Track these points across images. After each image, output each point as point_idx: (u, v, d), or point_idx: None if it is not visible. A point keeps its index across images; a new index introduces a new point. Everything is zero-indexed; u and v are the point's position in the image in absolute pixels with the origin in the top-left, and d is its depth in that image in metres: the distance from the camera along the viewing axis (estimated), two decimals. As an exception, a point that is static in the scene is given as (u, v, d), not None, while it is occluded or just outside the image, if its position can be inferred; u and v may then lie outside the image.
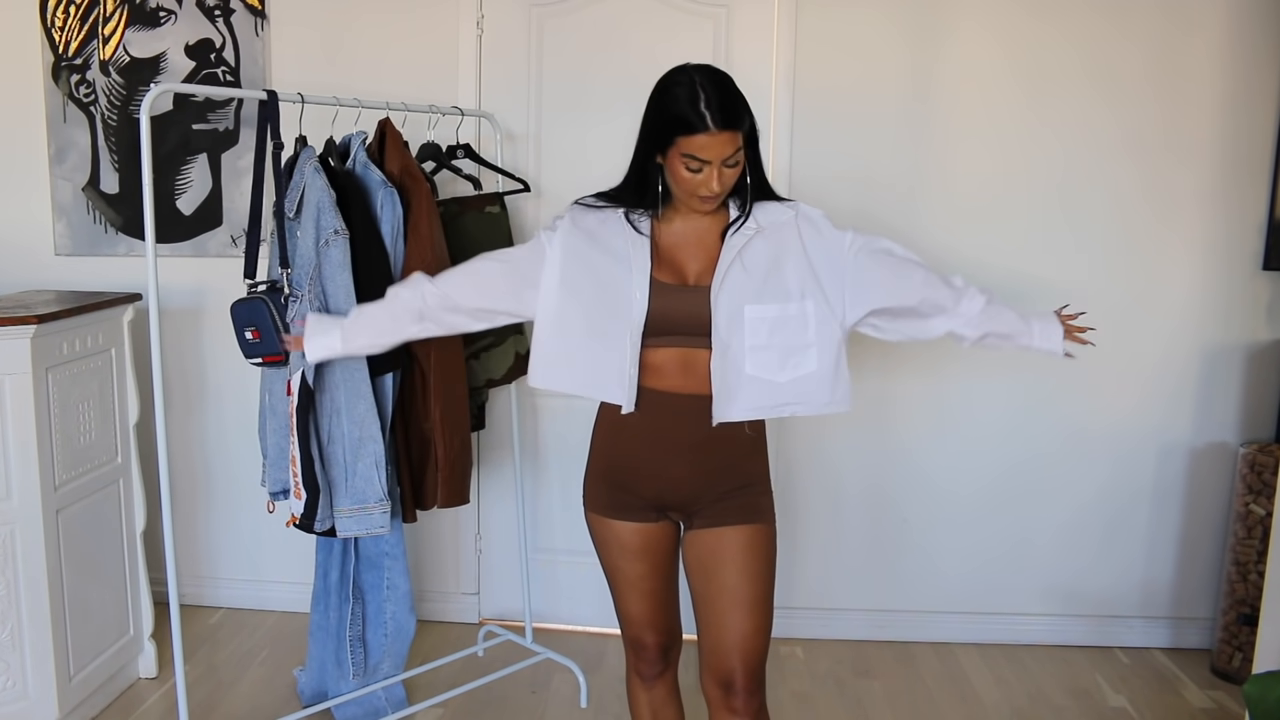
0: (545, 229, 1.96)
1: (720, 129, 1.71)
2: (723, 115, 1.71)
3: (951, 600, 3.34)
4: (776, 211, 1.90)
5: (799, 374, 1.87)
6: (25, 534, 2.50)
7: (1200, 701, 2.99)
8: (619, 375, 1.87)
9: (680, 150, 1.75)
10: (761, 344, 1.84)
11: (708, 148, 1.73)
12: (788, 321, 1.85)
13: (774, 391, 1.86)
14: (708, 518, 1.91)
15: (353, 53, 3.21)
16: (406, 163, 2.57)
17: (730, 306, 1.83)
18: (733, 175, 1.79)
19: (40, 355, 2.49)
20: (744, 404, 1.86)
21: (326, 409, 2.39)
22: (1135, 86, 3.08)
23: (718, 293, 1.83)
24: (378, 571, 2.74)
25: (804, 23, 3.09)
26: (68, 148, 3.32)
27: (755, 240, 1.87)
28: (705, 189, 1.77)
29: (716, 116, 1.71)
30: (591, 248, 1.90)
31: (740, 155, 1.78)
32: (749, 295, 1.83)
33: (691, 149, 1.73)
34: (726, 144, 1.73)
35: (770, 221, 1.89)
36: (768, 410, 1.87)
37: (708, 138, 1.72)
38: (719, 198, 1.82)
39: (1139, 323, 3.18)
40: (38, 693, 2.56)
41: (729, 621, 1.89)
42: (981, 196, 3.14)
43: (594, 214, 1.93)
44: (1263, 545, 2.99)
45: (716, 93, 1.72)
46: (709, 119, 1.71)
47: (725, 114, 1.71)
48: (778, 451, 3.24)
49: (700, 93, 1.72)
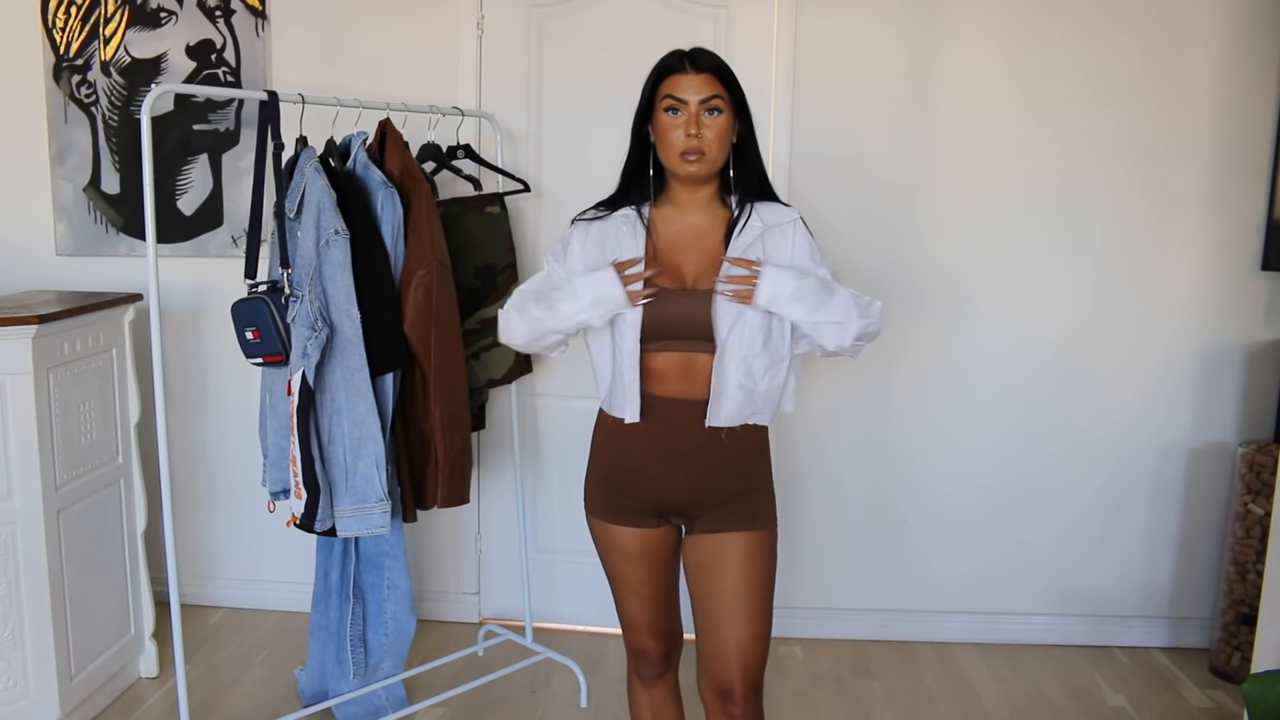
0: (552, 256, 1.97)
1: (697, 71, 1.82)
2: (702, 61, 1.83)
3: (951, 600, 3.34)
4: (779, 212, 1.91)
5: (772, 385, 1.89)
6: (26, 534, 2.51)
7: (1199, 701, 2.99)
8: (622, 385, 1.87)
9: (662, 96, 1.84)
10: (756, 351, 1.85)
11: (685, 86, 1.82)
12: (778, 328, 1.86)
13: (750, 400, 1.88)
14: (709, 523, 1.91)
15: (353, 53, 3.21)
16: (407, 163, 2.57)
17: (735, 310, 1.83)
18: (715, 129, 1.82)
19: (41, 355, 2.49)
20: (729, 411, 1.87)
21: (327, 409, 2.39)
22: (1134, 87, 3.08)
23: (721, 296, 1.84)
24: (378, 571, 2.74)
25: (804, 23, 3.09)
26: (69, 148, 3.32)
27: (761, 239, 1.88)
28: (687, 134, 1.81)
29: (696, 61, 1.83)
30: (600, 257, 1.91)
31: (721, 107, 1.83)
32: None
33: (671, 88, 1.83)
34: (704, 85, 1.82)
35: (774, 220, 1.90)
36: (743, 418, 1.89)
37: (685, 77, 1.82)
38: (704, 155, 1.82)
39: (1139, 323, 3.19)
40: (39, 692, 2.56)
41: (728, 629, 1.89)
42: (981, 197, 3.15)
43: (596, 225, 1.95)
44: (1261, 545, 3.00)
45: (702, 51, 1.86)
46: (686, 62, 1.83)
47: (705, 60, 1.84)
48: (777, 452, 3.23)
49: (687, 50, 1.86)
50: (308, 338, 2.30)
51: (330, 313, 2.35)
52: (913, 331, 3.19)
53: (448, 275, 2.56)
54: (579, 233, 1.95)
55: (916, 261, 3.17)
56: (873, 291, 3.06)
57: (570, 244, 1.95)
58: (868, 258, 3.13)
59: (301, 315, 2.31)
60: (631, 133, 1.93)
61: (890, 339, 3.16)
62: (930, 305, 3.19)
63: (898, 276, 3.17)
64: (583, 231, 1.94)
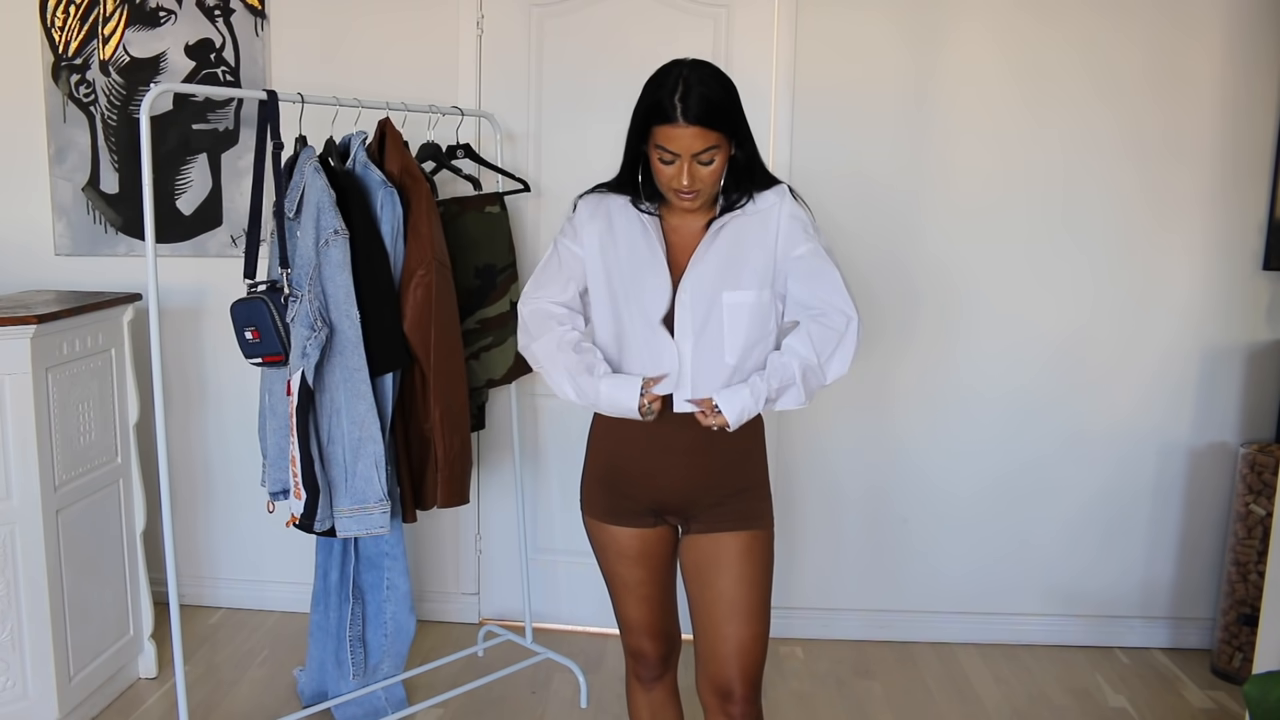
0: (561, 234, 1.96)
1: (689, 123, 1.72)
2: (694, 110, 1.71)
3: (951, 600, 3.33)
4: (765, 196, 1.88)
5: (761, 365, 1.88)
6: (25, 534, 2.50)
7: (1200, 702, 2.98)
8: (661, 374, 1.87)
9: (655, 140, 1.77)
10: (742, 330, 1.84)
11: (676, 139, 1.73)
12: (761, 308, 1.86)
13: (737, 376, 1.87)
14: (705, 522, 1.91)
15: (353, 53, 3.21)
16: (406, 163, 2.57)
17: (709, 291, 1.83)
18: (709, 175, 1.78)
19: (40, 355, 2.49)
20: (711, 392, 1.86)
21: (326, 409, 2.39)
22: (1136, 87, 3.07)
23: (695, 276, 1.83)
24: (378, 571, 2.74)
25: (804, 23, 3.08)
26: (68, 148, 3.31)
27: (736, 221, 1.86)
28: (677, 183, 1.77)
29: (688, 111, 1.71)
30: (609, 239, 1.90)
31: (715, 155, 1.77)
32: (727, 280, 1.84)
33: (661, 139, 1.75)
34: (696, 139, 1.73)
35: (756, 207, 1.88)
36: None
37: (676, 129, 1.72)
38: (696, 196, 1.80)
39: (1140, 322, 3.18)
40: (38, 693, 2.56)
41: (726, 630, 1.89)
42: (982, 197, 3.14)
43: (605, 201, 1.93)
44: (1263, 545, 2.99)
45: (697, 88, 1.73)
46: (679, 110, 1.71)
47: (697, 109, 1.71)
48: (776, 452, 3.24)
49: (680, 85, 1.73)
50: (307, 338, 2.30)
51: (330, 312, 2.34)
52: (913, 331, 3.19)
53: (447, 275, 2.56)
54: (587, 208, 1.93)
55: (917, 261, 3.17)
56: (873, 291, 3.10)
57: (578, 221, 1.93)
58: (868, 257, 3.13)
59: (301, 315, 2.31)
60: (626, 146, 1.87)
61: (890, 339, 3.16)
62: (931, 305, 3.19)
63: (898, 276, 3.16)
64: (591, 206, 1.93)
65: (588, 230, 1.92)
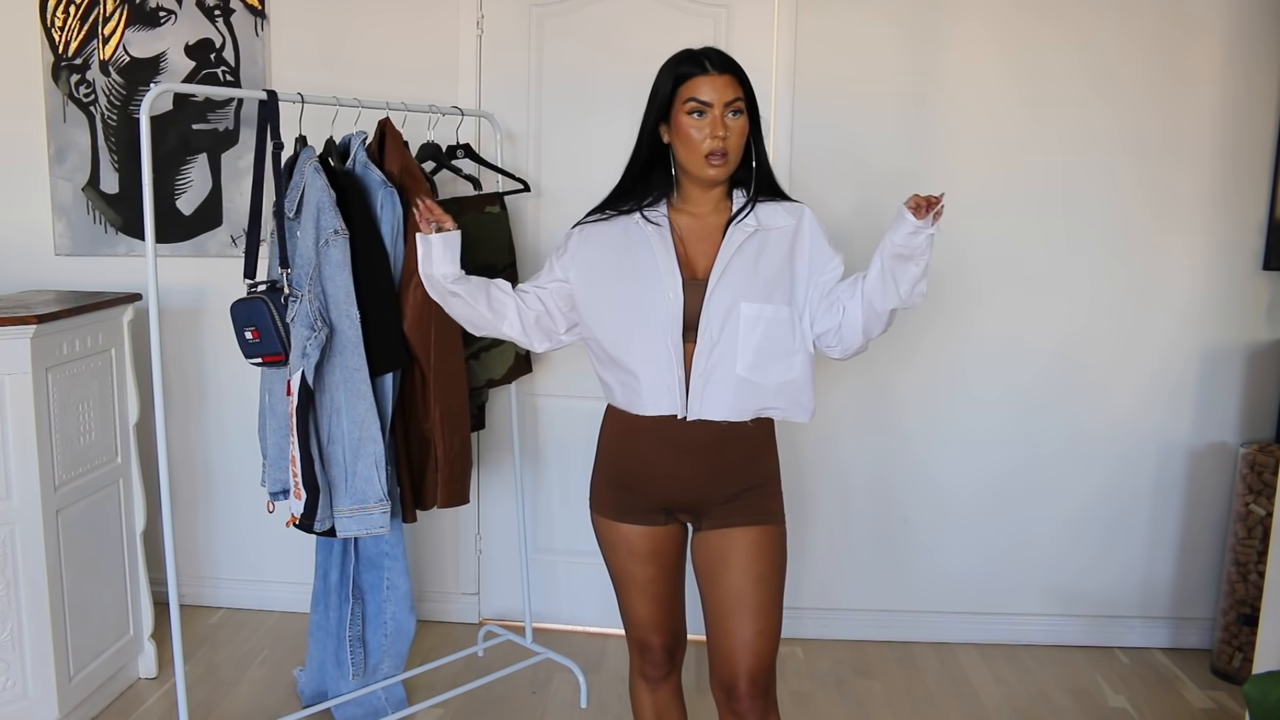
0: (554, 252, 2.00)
1: (719, 71, 1.82)
2: (720, 60, 1.84)
3: (952, 600, 3.34)
4: (779, 215, 1.92)
5: (785, 379, 1.88)
6: (25, 534, 2.50)
7: (1200, 702, 2.98)
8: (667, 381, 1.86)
9: (683, 99, 1.82)
10: (755, 344, 1.84)
11: (708, 88, 1.82)
12: (779, 323, 1.86)
13: (759, 394, 1.87)
14: (716, 519, 1.91)
15: (353, 53, 3.21)
16: (406, 163, 2.57)
17: (727, 302, 1.83)
18: (737, 130, 1.84)
19: (40, 355, 2.49)
20: (727, 404, 1.86)
21: (326, 409, 2.39)
22: (1135, 87, 3.08)
23: (715, 286, 1.84)
24: (378, 571, 2.74)
25: (804, 22, 3.08)
26: (67, 148, 3.31)
27: (755, 237, 1.88)
28: (711, 140, 1.81)
29: (714, 60, 1.83)
30: (608, 257, 1.92)
31: (742, 105, 1.84)
32: (746, 292, 1.84)
33: (693, 91, 1.82)
34: (727, 87, 1.82)
35: (772, 224, 1.90)
36: (751, 412, 1.89)
37: (708, 78, 1.82)
38: (727, 157, 1.84)
39: (1140, 322, 3.18)
40: (38, 693, 2.56)
41: (735, 626, 1.89)
42: (981, 196, 3.14)
43: (599, 227, 1.96)
44: (1263, 545, 2.99)
45: (711, 49, 1.86)
46: (707, 63, 1.83)
47: (724, 60, 1.84)
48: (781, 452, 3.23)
49: (702, 49, 1.86)
50: (307, 338, 2.30)
51: (330, 312, 2.34)
52: (913, 331, 3.19)
53: (447, 275, 2.56)
54: (579, 237, 1.98)
55: (917, 261, 3.16)
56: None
57: (568, 247, 1.98)
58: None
59: (301, 315, 2.31)
60: (642, 133, 1.91)
61: (891, 338, 3.16)
62: (931, 304, 3.18)
63: (898, 276, 3.16)
64: (581, 237, 1.97)
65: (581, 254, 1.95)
